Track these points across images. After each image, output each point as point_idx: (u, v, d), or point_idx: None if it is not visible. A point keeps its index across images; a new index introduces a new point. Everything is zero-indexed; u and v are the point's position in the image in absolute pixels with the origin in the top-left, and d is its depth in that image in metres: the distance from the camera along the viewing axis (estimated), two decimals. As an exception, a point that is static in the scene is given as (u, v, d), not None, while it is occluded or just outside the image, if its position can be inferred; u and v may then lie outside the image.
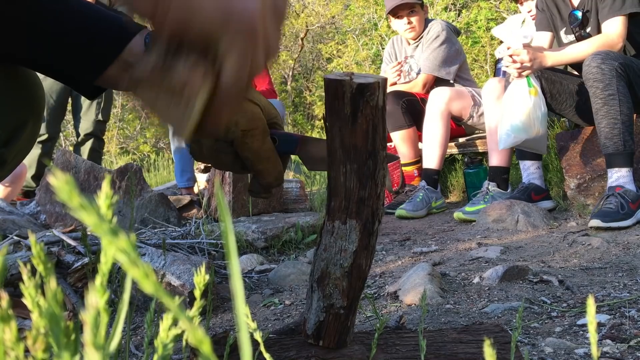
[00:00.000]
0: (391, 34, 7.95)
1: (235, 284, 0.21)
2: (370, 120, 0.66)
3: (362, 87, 0.65)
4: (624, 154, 2.10)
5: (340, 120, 0.67)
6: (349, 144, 0.67)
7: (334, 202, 0.71)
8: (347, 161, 0.68)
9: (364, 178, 0.68)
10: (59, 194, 0.18)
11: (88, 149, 3.76)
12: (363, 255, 0.71)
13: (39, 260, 0.24)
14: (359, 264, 0.71)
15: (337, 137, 0.68)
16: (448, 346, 0.80)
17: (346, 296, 0.72)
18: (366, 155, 0.68)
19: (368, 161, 0.68)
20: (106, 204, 0.23)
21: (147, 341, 0.54)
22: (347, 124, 0.66)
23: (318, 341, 0.74)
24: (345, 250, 0.70)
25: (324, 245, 0.72)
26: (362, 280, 0.73)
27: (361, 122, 0.66)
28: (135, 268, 0.19)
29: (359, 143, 0.67)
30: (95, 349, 0.20)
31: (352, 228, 0.70)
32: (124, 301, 0.25)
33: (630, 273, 1.37)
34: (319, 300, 0.73)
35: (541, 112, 2.34)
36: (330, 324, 0.73)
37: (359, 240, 0.70)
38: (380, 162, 0.69)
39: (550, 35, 2.61)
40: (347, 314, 0.73)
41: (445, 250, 1.92)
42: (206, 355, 0.20)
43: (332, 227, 0.71)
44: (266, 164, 0.74)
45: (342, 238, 0.70)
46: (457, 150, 3.44)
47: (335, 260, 0.71)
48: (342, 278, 0.71)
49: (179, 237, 1.99)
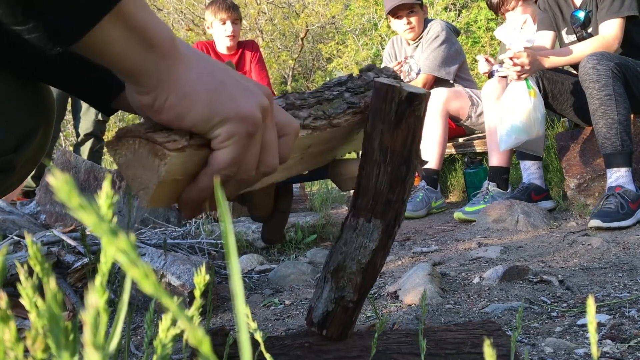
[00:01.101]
0: (391, 34, 7.95)
1: (235, 284, 0.21)
2: (412, 128, 0.69)
3: (412, 96, 0.67)
4: (622, 154, 2.10)
5: (384, 124, 0.69)
6: (387, 147, 0.70)
7: (362, 200, 0.73)
8: (382, 163, 0.70)
9: (394, 182, 0.71)
10: (58, 194, 0.18)
11: (88, 149, 3.75)
12: (380, 254, 0.74)
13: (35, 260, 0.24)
14: (374, 262, 0.73)
15: (377, 138, 0.70)
16: (437, 333, 0.82)
17: (357, 291, 0.74)
18: (401, 161, 0.70)
19: (402, 166, 0.70)
20: (107, 204, 0.23)
21: (147, 341, 0.54)
22: (390, 128, 0.69)
23: (322, 330, 0.75)
24: (365, 248, 0.73)
25: (345, 239, 0.74)
26: (374, 278, 0.75)
27: (403, 128, 0.69)
28: (134, 268, 0.19)
29: (397, 148, 0.70)
30: (95, 349, 0.20)
31: (375, 227, 0.72)
32: (124, 301, 0.25)
33: (630, 273, 1.37)
34: (331, 291, 0.75)
35: (540, 114, 2.35)
36: (337, 315, 0.75)
37: (379, 240, 0.72)
38: (413, 170, 0.71)
39: (552, 34, 2.61)
40: (355, 308, 0.75)
41: (445, 250, 1.92)
42: (206, 355, 0.20)
43: (355, 224, 0.73)
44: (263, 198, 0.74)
45: (364, 235, 0.72)
46: (456, 151, 3.44)
47: (353, 255, 0.73)
48: (357, 273, 0.73)
49: (179, 237, 1.99)
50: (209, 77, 0.51)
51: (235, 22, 3.41)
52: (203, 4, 9.78)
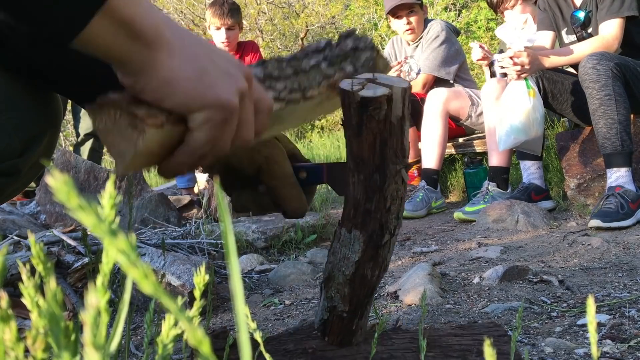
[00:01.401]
0: (391, 34, 7.95)
1: (235, 284, 0.21)
2: (377, 134, 0.63)
3: (366, 101, 0.61)
4: (622, 154, 2.10)
5: (350, 129, 0.65)
6: (356, 155, 0.66)
7: (345, 209, 0.70)
8: (355, 172, 0.67)
9: (370, 191, 0.66)
10: (57, 194, 0.18)
11: (88, 149, 3.75)
12: (368, 266, 0.69)
13: (38, 260, 0.24)
14: (362, 274, 0.70)
15: (348, 145, 0.67)
16: (443, 339, 0.81)
17: (348, 302, 0.71)
18: (373, 169, 0.65)
19: (375, 175, 0.65)
20: (110, 204, 0.23)
21: (147, 341, 0.54)
22: (355, 134, 0.65)
23: (324, 336, 0.75)
24: (347, 259, 0.69)
25: (333, 249, 0.72)
26: (368, 288, 0.72)
27: (366, 135, 0.63)
28: (134, 269, 0.19)
29: (364, 155, 0.65)
30: (95, 349, 0.20)
31: (355, 238, 0.68)
32: (125, 301, 0.25)
33: (630, 273, 1.37)
34: (324, 300, 0.73)
35: (539, 114, 2.35)
36: (333, 323, 0.73)
37: (362, 251, 0.68)
38: (391, 177, 0.66)
39: (552, 34, 2.61)
40: (352, 317, 0.73)
41: (445, 250, 1.92)
42: (206, 356, 0.20)
43: (339, 234, 0.71)
44: (290, 189, 0.75)
45: (346, 246, 0.69)
46: (456, 151, 3.44)
47: (339, 266, 0.71)
48: (344, 284, 0.70)
49: (179, 237, 1.99)
50: (191, 64, 0.53)
51: (231, 28, 3.36)
52: (203, 3, 9.78)
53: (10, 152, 0.70)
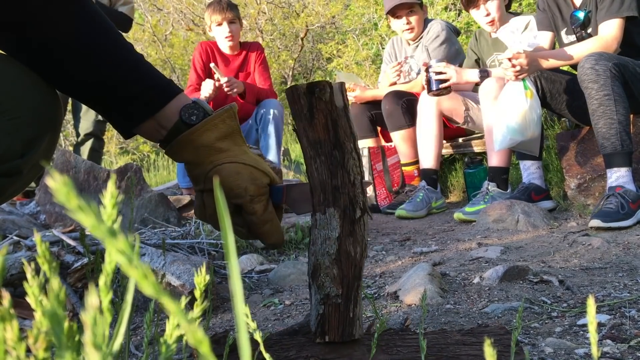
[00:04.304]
0: (391, 34, 7.95)
1: (235, 284, 0.21)
2: (327, 114, 0.73)
3: (312, 86, 0.73)
4: (622, 154, 2.10)
5: (303, 121, 0.74)
6: (313, 140, 0.74)
7: (315, 197, 0.76)
8: (315, 156, 0.74)
9: (333, 168, 0.74)
10: (57, 195, 0.18)
11: (88, 149, 3.75)
12: (349, 241, 0.74)
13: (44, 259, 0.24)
14: (346, 250, 0.74)
15: (303, 136, 0.75)
16: (450, 348, 0.79)
17: (339, 284, 0.74)
18: (331, 147, 0.74)
19: (334, 151, 0.74)
20: (111, 204, 0.23)
21: (146, 341, 0.54)
22: (308, 122, 0.74)
23: (324, 337, 0.74)
24: (329, 238, 0.74)
25: (312, 240, 0.76)
26: (355, 267, 0.75)
27: (318, 117, 0.73)
28: (134, 269, 0.19)
29: (321, 136, 0.74)
30: (96, 349, 0.20)
31: (331, 216, 0.74)
32: (127, 302, 0.25)
33: (630, 273, 1.37)
34: (316, 294, 0.75)
35: (537, 115, 2.35)
36: (330, 315, 0.74)
37: (340, 227, 0.74)
38: (349, 152, 0.74)
39: (551, 35, 2.61)
40: (346, 303, 0.74)
41: (446, 251, 1.92)
42: (205, 356, 0.20)
43: (315, 221, 0.76)
44: (269, 226, 0.82)
45: (325, 227, 0.74)
46: (456, 150, 3.44)
47: (322, 250, 0.74)
48: (332, 266, 0.74)
49: (179, 237, 1.99)
50: None
51: (233, 22, 3.39)
52: (203, 3, 9.78)
53: (12, 154, 0.70)
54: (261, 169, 0.81)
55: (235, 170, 0.79)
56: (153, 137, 0.82)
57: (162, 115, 0.79)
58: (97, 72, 0.76)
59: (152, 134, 0.82)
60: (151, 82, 0.79)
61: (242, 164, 0.80)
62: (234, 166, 0.80)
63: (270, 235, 0.82)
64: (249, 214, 0.80)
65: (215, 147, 0.79)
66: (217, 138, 0.79)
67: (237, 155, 0.81)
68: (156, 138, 0.82)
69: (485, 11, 2.88)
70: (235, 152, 0.81)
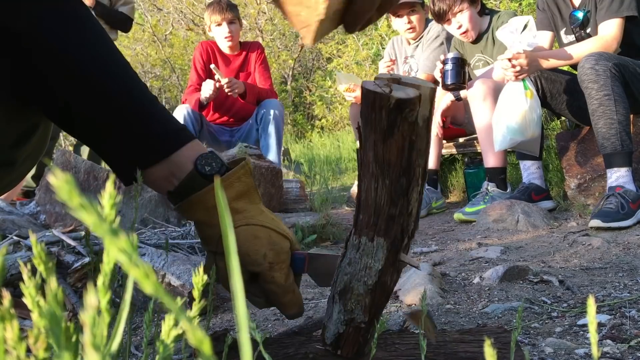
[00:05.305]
0: (391, 33, 7.94)
1: (235, 284, 0.21)
2: (407, 136, 0.62)
3: (401, 103, 0.60)
4: (622, 154, 2.10)
5: (376, 134, 0.62)
6: (382, 159, 0.63)
7: (363, 216, 0.67)
8: (379, 176, 0.64)
9: (395, 195, 0.65)
10: (59, 193, 0.18)
11: (88, 149, 3.75)
12: (389, 272, 0.68)
13: (40, 260, 0.24)
14: (383, 281, 0.68)
15: (371, 150, 0.64)
16: (449, 345, 0.79)
17: (368, 312, 0.69)
18: (400, 172, 0.64)
19: (401, 178, 0.64)
20: (110, 204, 0.23)
21: (146, 341, 0.54)
22: (382, 139, 0.62)
23: (336, 350, 0.71)
24: (370, 268, 0.67)
25: (349, 259, 0.69)
26: (387, 296, 0.70)
27: (397, 138, 0.62)
28: (135, 268, 0.19)
29: (392, 159, 0.63)
30: (95, 350, 0.20)
31: (379, 246, 0.66)
32: (126, 302, 0.25)
33: (630, 273, 1.37)
34: (340, 313, 0.70)
35: (536, 115, 2.35)
36: (350, 335, 0.71)
37: (385, 259, 0.67)
38: (416, 180, 0.65)
39: (550, 35, 2.61)
40: (368, 327, 0.71)
41: (446, 250, 1.92)
42: (206, 356, 0.20)
43: (358, 243, 0.68)
44: (291, 297, 0.75)
45: (368, 255, 0.67)
46: (457, 151, 3.44)
47: (359, 276, 0.68)
48: (366, 295, 0.68)
49: (179, 237, 1.99)
50: None
51: (232, 22, 3.40)
52: (203, 3, 9.78)
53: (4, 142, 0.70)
54: (280, 232, 0.75)
55: (252, 234, 0.73)
56: (162, 187, 0.74)
57: (174, 161, 0.72)
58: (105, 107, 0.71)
59: (161, 184, 0.74)
60: (163, 124, 0.72)
61: (259, 226, 0.73)
62: (251, 229, 0.73)
63: (291, 306, 0.76)
64: (268, 283, 0.74)
65: (230, 208, 0.72)
66: (232, 198, 0.72)
67: (254, 216, 0.74)
68: (165, 189, 0.74)
69: (457, 24, 2.88)
70: (252, 213, 0.74)
